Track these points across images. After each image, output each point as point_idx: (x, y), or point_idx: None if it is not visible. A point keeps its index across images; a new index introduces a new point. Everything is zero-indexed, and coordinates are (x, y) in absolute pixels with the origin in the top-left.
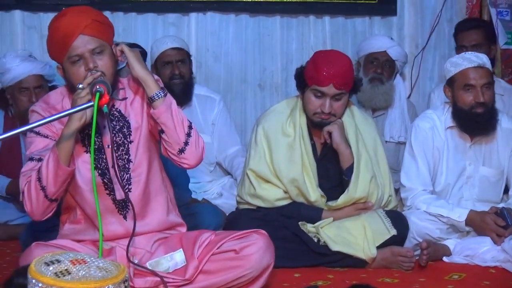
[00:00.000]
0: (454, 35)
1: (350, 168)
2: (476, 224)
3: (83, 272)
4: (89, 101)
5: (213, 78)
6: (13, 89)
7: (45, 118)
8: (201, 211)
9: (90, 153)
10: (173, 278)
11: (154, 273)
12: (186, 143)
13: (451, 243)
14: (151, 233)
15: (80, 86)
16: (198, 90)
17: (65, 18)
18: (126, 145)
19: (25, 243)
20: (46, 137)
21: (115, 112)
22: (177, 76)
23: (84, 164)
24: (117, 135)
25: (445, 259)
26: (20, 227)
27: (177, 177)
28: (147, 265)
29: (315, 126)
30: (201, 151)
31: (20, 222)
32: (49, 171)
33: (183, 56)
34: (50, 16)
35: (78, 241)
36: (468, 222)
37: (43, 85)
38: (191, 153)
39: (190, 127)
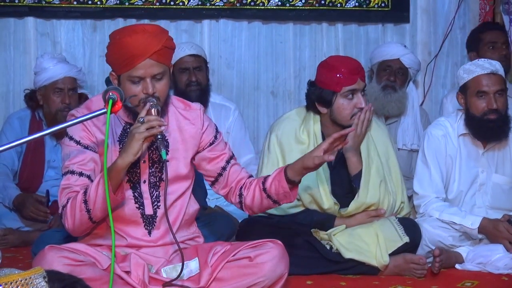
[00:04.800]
0: (474, 37)
1: (358, 175)
2: (489, 231)
3: (4, 272)
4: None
5: (225, 85)
6: (47, 89)
7: (68, 122)
8: (214, 220)
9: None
10: (187, 286)
11: (169, 282)
12: None
13: (463, 250)
14: (170, 244)
15: (141, 120)
16: (214, 98)
17: (137, 37)
18: (161, 163)
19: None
20: (86, 147)
21: None
22: (194, 83)
23: None
24: (154, 152)
25: (457, 266)
26: (33, 233)
27: (195, 192)
28: (162, 271)
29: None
30: None
31: (32, 228)
32: (98, 197)
33: (200, 63)
34: (62, 23)
35: (97, 245)
36: (481, 229)
37: (76, 88)
38: None
39: None
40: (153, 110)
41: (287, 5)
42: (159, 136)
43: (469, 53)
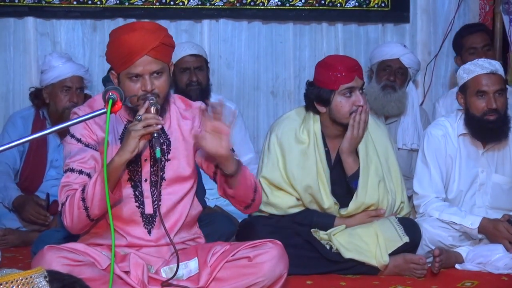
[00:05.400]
0: (457, 42)
1: (354, 176)
2: (489, 231)
3: (4, 272)
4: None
5: (225, 85)
6: (55, 87)
7: (69, 121)
8: (214, 220)
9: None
10: (186, 286)
11: (166, 281)
12: (253, 200)
13: (463, 250)
14: (170, 245)
15: (139, 117)
16: (214, 98)
17: (134, 34)
18: (163, 162)
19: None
20: (87, 145)
21: None
22: (194, 83)
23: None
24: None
25: (457, 266)
26: (32, 233)
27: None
28: (161, 271)
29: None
30: (261, 200)
31: (32, 228)
32: (95, 195)
33: (201, 63)
34: (62, 23)
35: (97, 245)
36: (480, 229)
37: (83, 87)
38: (256, 207)
39: (255, 184)
40: (152, 108)
41: (287, 5)
42: (155, 134)
43: (455, 57)
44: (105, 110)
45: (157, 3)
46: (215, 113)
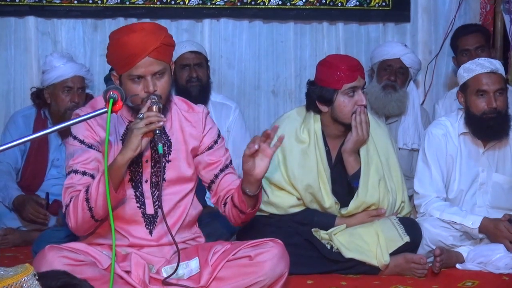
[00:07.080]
0: (453, 42)
1: (355, 175)
2: (490, 231)
3: None
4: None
5: (226, 85)
6: (56, 88)
7: (70, 121)
8: (214, 220)
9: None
10: (187, 286)
11: (167, 278)
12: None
13: (464, 250)
14: (171, 244)
15: (141, 115)
16: (215, 97)
17: (134, 36)
18: (164, 163)
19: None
20: (90, 147)
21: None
22: (194, 79)
23: None
24: (156, 151)
25: (458, 266)
26: (33, 233)
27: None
28: (162, 271)
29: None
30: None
31: (33, 227)
32: (99, 195)
33: (200, 60)
34: (63, 22)
35: (98, 245)
36: (481, 229)
37: (84, 87)
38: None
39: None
40: (154, 107)
41: (288, 4)
42: (157, 131)
43: (453, 57)
44: (106, 109)
45: (158, 2)
46: (267, 138)
